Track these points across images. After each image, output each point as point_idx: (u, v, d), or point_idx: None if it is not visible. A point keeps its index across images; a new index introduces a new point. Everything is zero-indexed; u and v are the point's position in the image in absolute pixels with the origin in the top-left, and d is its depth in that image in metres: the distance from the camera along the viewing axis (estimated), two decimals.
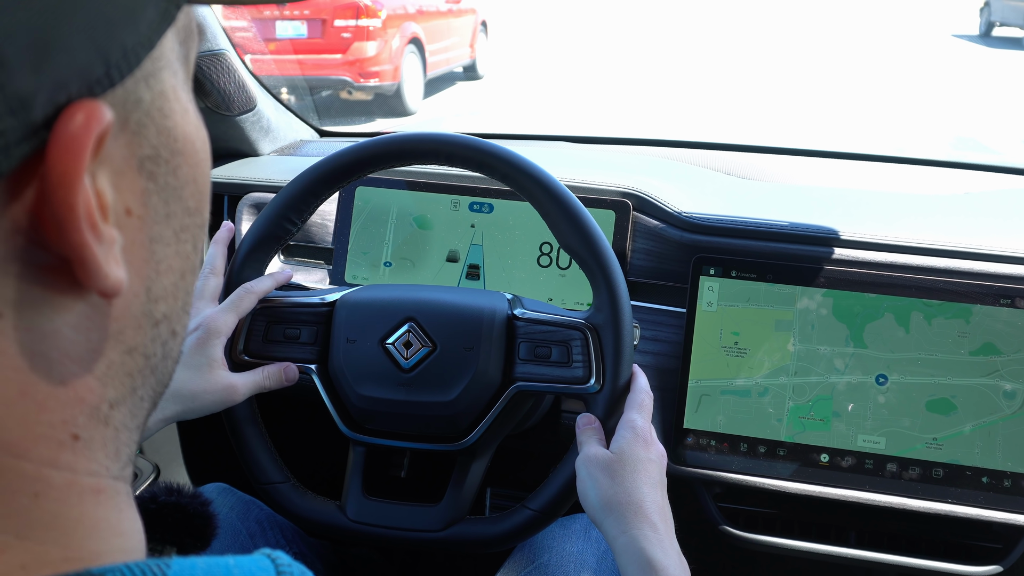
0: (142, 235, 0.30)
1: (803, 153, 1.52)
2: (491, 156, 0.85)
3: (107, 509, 0.30)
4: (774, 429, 1.02)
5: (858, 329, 1.01)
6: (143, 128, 0.29)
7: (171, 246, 0.32)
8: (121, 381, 0.31)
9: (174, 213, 0.32)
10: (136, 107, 0.29)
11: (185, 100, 0.32)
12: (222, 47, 1.20)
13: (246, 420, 0.88)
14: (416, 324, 0.86)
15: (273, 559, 0.32)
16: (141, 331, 0.31)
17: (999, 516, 0.97)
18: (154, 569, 0.28)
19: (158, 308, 0.32)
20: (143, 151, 0.29)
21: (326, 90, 6.96)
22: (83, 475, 0.29)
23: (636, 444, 0.76)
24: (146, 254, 0.30)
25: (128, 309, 0.30)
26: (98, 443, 0.30)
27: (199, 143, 0.33)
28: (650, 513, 0.71)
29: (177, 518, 0.42)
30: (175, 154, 0.31)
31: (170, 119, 0.31)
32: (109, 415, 0.30)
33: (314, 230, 1.22)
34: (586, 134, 1.61)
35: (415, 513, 0.87)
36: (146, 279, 0.31)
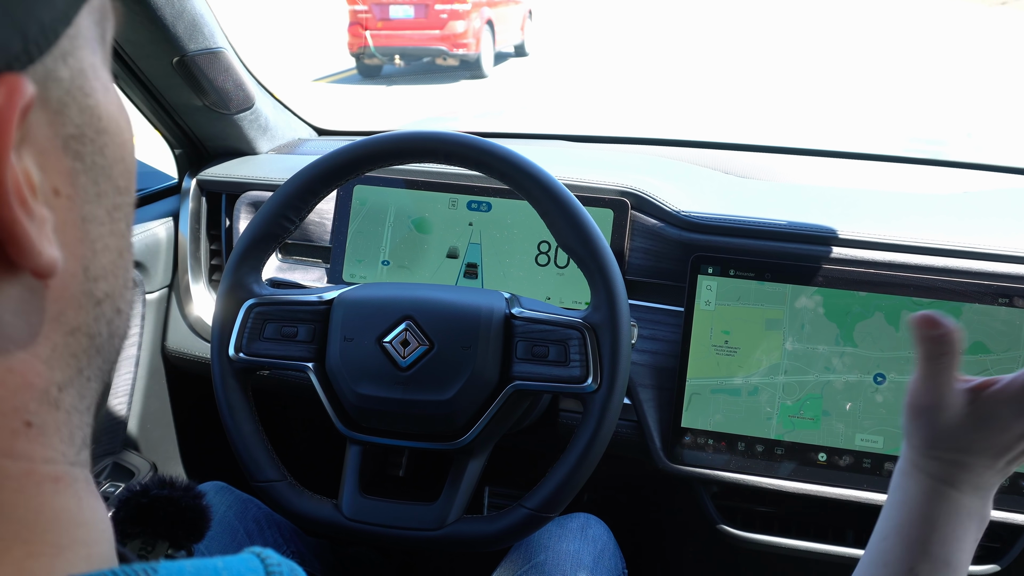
0: (73, 215, 0.30)
1: (801, 152, 1.52)
2: (489, 155, 0.85)
3: (66, 498, 0.30)
4: (764, 428, 1.02)
5: (848, 328, 1.01)
6: (65, 107, 0.29)
7: (105, 225, 0.31)
8: (67, 363, 0.30)
9: (105, 192, 0.31)
10: (56, 85, 0.28)
11: (105, 79, 0.32)
12: (220, 45, 1.20)
13: (243, 418, 0.88)
14: (413, 323, 0.86)
15: (262, 558, 0.32)
16: (83, 311, 0.31)
17: (997, 515, 0.97)
18: (140, 573, 0.28)
19: (98, 287, 0.31)
20: (67, 130, 0.29)
21: (427, 57, 9.74)
22: (40, 463, 0.29)
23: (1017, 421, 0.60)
24: (80, 234, 0.30)
25: (67, 289, 0.30)
26: (51, 428, 0.29)
27: (123, 122, 0.33)
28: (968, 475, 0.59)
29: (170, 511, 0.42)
30: (100, 133, 0.31)
31: (91, 97, 0.30)
32: (59, 398, 0.30)
33: (312, 228, 1.22)
34: (584, 133, 1.61)
35: (412, 512, 0.86)
36: (82, 258, 0.30)
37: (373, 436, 0.88)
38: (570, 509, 0.95)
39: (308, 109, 1.48)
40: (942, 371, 0.58)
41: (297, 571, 0.32)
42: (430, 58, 9.74)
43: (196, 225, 1.27)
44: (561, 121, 4.18)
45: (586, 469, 0.83)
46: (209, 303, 1.28)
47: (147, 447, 1.33)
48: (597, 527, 0.99)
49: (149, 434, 1.32)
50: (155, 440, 1.34)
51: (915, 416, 0.59)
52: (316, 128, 1.56)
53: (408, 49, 9.53)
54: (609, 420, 0.83)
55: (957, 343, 0.57)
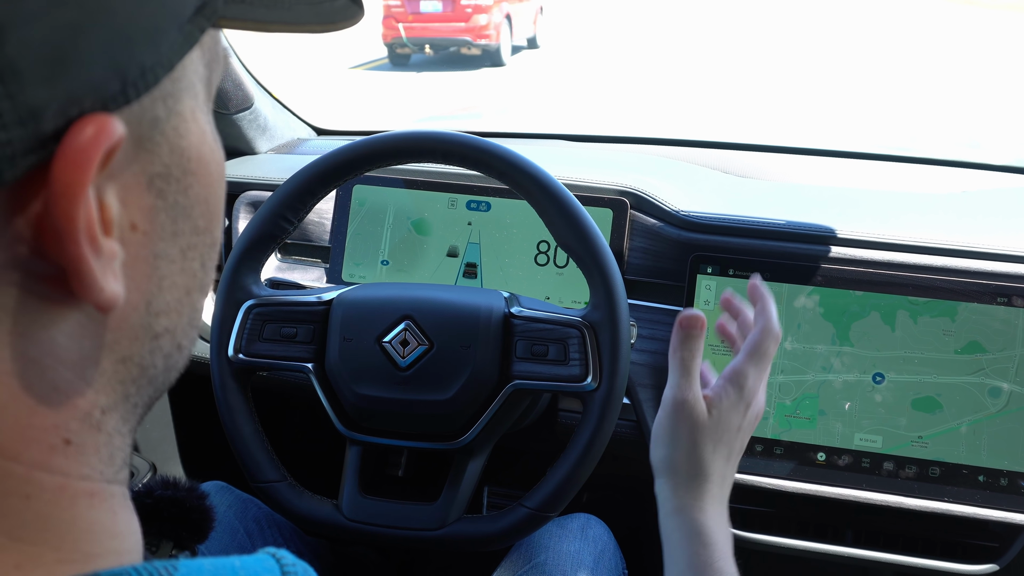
0: (146, 251, 0.30)
1: (800, 152, 1.52)
2: (488, 154, 0.85)
3: (101, 512, 0.30)
4: (761, 427, 1.02)
5: (844, 328, 1.01)
6: (156, 146, 0.29)
7: (176, 263, 0.32)
8: (113, 388, 0.31)
9: (182, 231, 0.32)
10: (152, 126, 0.29)
11: (203, 122, 0.33)
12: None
13: (243, 419, 0.88)
14: (413, 322, 0.86)
15: (278, 558, 0.32)
16: (137, 342, 0.31)
17: (996, 515, 0.97)
18: (161, 571, 0.28)
19: (159, 322, 0.32)
20: (154, 168, 0.30)
21: (453, 47, 10.96)
22: (75, 479, 0.29)
23: (736, 410, 0.66)
24: (148, 269, 0.31)
25: (125, 321, 0.30)
26: (91, 448, 0.30)
27: (213, 165, 0.33)
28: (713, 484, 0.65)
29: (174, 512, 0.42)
30: (187, 173, 0.31)
31: (185, 139, 0.31)
32: (101, 420, 0.31)
33: (311, 228, 1.22)
34: (584, 132, 1.61)
35: (412, 512, 0.86)
36: (147, 293, 0.31)
37: (373, 436, 0.88)
38: (570, 509, 0.95)
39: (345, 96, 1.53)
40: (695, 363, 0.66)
41: (311, 572, 0.32)
42: (456, 48, 11.01)
43: None
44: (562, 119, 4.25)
45: (586, 468, 0.83)
46: (208, 304, 1.28)
47: (146, 447, 1.33)
48: (597, 527, 0.99)
49: (149, 434, 1.32)
50: (155, 440, 1.34)
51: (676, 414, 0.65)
52: (315, 128, 1.56)
53: (436, 40, 10.79)
54: (609, 419, 0.83)
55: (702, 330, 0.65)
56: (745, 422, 0.67)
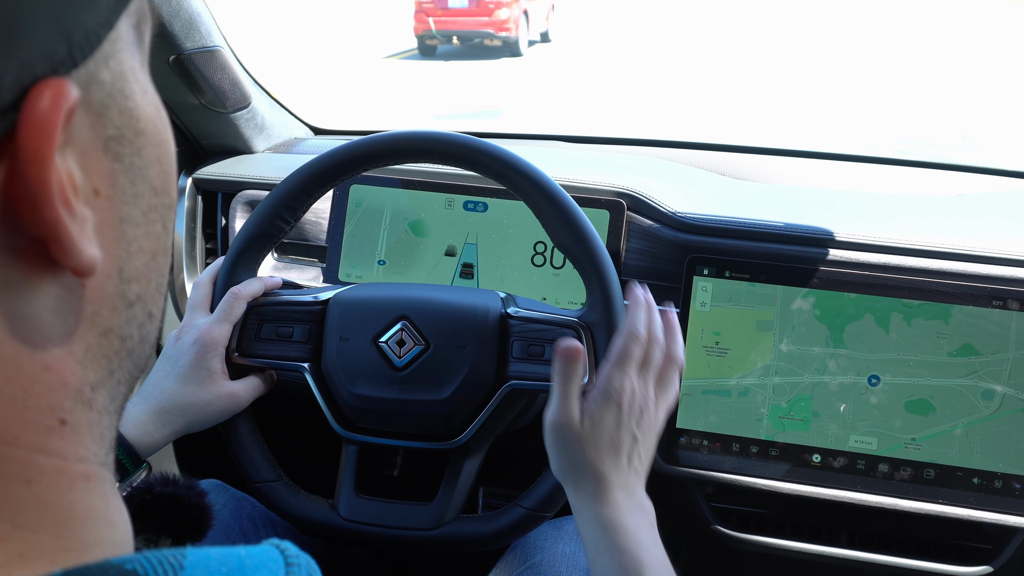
0: (111, 215, 0.30)
1: (797, 154, 1.52)
2: (485, 155, 0.85)
3: (96, 497, 0.30)
4: (755, 429, 1.02)
5: (838, 330, 1.01)
6: (106, 109, 0.29)
7: (140, 226, 0.32)
8: (99, 363, 0.31)
9: (141, 193, 0.32)
10: (99, 88, 0.29)
11: (144, 81, 0.32)
12: (217, 43, 1.20)
13: (239, 419, 0.88)
14: (409, 323, 0.86)
15: (282, 550, 0.32)
16: (116, 312, 0.31)
17: (990, 517, 0.97)
18: (171, 560, 0.28)
19: (131, 289, 0.32)
20: (107, 132, 0.29)
21: (476, 39, 12.25)
22: (72, 461, 0.29)
23: (608, 410, 0.68)
24: (117, 235, 0.30)
25: (102, 290, 0.30)
26: (84, 427, 0.30)
27: (160, 123, 0.33)
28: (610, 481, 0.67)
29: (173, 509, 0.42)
30: (138, 134, 0.31)
31: (131, 99, 0.31)
32: (92, 398, 0.30)
33: (308, 228, 1.22)
34: (581, 134, 1.61)
35: (407, 512, 0.86)
36: (118, 260, 0.31)
37: (369, 436, 0.88)
38: (566, 510, 0.95)
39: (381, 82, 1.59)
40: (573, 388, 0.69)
41: (313, 566, 0.32)
42: (479, 40, 12.36)
43: (192, 224, 1.27)
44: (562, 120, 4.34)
45: None
46: None
47: None
48: None
49: None
50: None
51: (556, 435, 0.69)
52: (312, 127, 1.56)
53: (462, 32, 12.18)
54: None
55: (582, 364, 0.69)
56: (624, 418, 0.68)
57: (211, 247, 1.30)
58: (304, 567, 0.32)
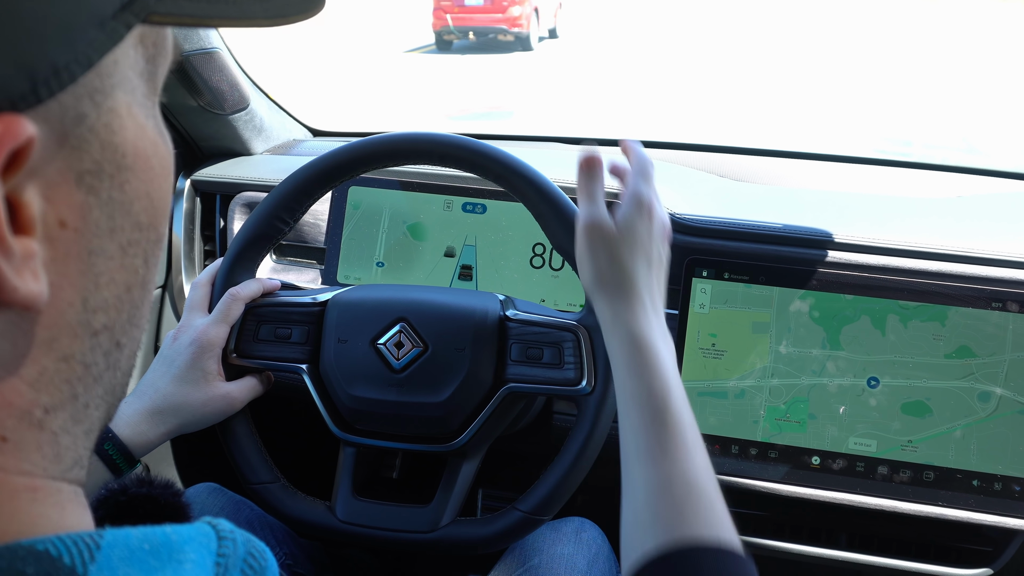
0: (78, 247, 0.30)
1: (796, 156, 1.52)
2: (484, 156, 0.85)
3: (46, 506, 0.30)
4: (751, 430, 1.02)
5: (835, 332, 1.01)
6: (84, 143, 0.29)
7: (115, 259, 0.32)
8: (58, 387, 0.31)
9: (120, 227, 0.31)
10: (77, 123, 0.28)
11: (141, 116, 0.32)
12: (215, 46, 1.19)
13: (236, 420, 0.88)
14: (408, 325, 0.86)
15: (214, 526, 0.32)
16: (78, 340, 0.31)
17: (989, 519, 0.97)
18: (86, 540, 0.28)
19: (96, 319, 0.32)
20: (83, 165, 0.29)
21: (491, 34, 13.01)
22: (14, 474, 0.29)
23: (640, 219, 0.71)
24: (83, 266, 0.30)
25: (61, 317, 0.30)
26: (31, 446, 0.30)
27: (155, 159, 0.33)
28: (642, 292, 0.69)
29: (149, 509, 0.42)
30: (122, 169, 0.31)
31: (118, 135, 0.30)
32: (44, 420, 0.30)
33: (306, 229, 1.21)
34: (580, 135, 1.61)
35: (405, 514, 0.86)
36: (83, 290, 0.30)
37: (367, 438, 0.88)
38: (564, 513, 0.95)
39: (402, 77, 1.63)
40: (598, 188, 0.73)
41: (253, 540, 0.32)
42: (494, 35, 13.12)
43: (190, 226, 1.27)
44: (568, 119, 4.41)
45: (580, 471, 0.83)
46: None
47: None
48: (592, 531, 0.98)
49: None
50: None
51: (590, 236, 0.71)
52: (311, 129, 1.56)
53: (478, 28, 12.98)
54: (603, 422, 0.83)
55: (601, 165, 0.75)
56: (654, 228, 0.72)
57: (209, 249, 1.30)
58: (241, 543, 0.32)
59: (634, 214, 0.71)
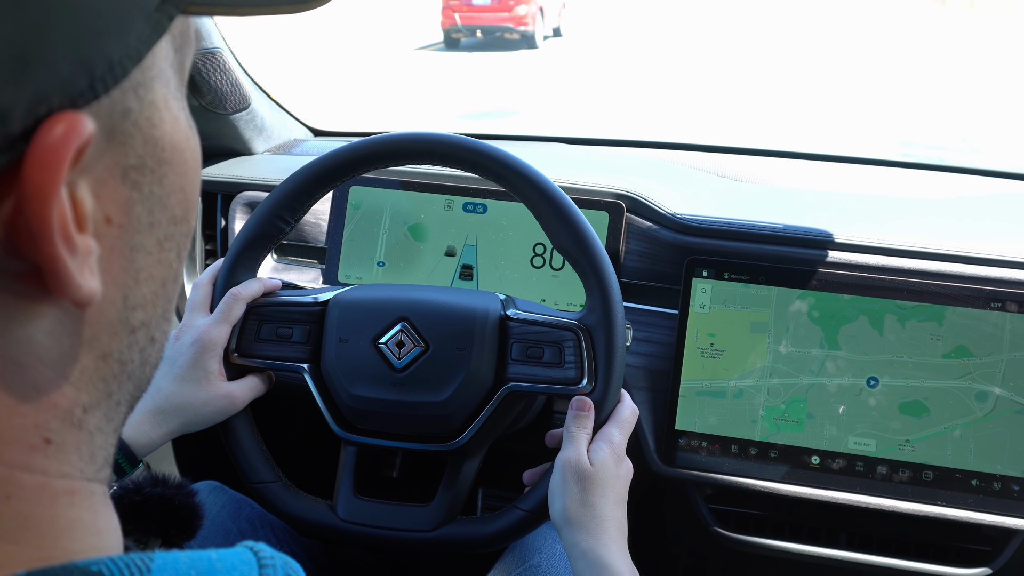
0: (122, 243, 0.30)
1: (796, 156, 1.52)
2: (485, 156, 0.85)
3: (81, 510, 0.30)
4: (749, 430, 1.02)
5: (833, 332, 1.01)
6: (129, 138, 0.29)
7: (153, 255, 0.31)
8: (95, 386, 0.31)
9: (159, 222, 0.31)
10: (124, 118, 0.28)
11: (176, 109, 0.32)
12: (217, 45, 1.20)
13: (237, 419, 0.88)
14: (409, 324, 0.86)
15: (255, 551, 0.32)
16: (116, 337, 0.31)
17: (989, 518, 0.97)
18: (137, 563, 0.28)
19: (135, 316, 0.31)
20: (128, 160, 0.29)
21: (498, 32, 13.55)
22: (55, 478, 0.29)
23: (611, 460, 0.78)
24: (125, 263, 0.30)
25: (103, 316, 0.30)
26: (71, 447, 0.30)
27: (188, 152, 0.33)
28: (609, 527, 0.74)
29: (163, 510, 0.42)
30: (161, 163, 0.31)
31: (158, 128, 0.30)
32: (83, 419, 0.30)
33: (307, 229, 1.22)
34: (580, 135, 1.61)
35: (406, 513, 0.86)
36: (124, 287, 0.30)
37: (368, 437, 0.88)
38: None
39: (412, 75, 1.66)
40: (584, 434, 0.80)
41: (291, 564, 0.32)
42: (500, 33, 13.64)
43: None
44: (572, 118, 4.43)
45: None
46: None
47: None
48: None
49: None
50: None
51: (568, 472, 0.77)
52: (312, 128, 1.56)
53: (485, 26, 13.50)
54: (603, 421, 0.83)
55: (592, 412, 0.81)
56: (622, 470, 0.79)
57: (211, 248, 1.30)
58: (280, 567, 0.32)
59: (607, 456, 0.78)
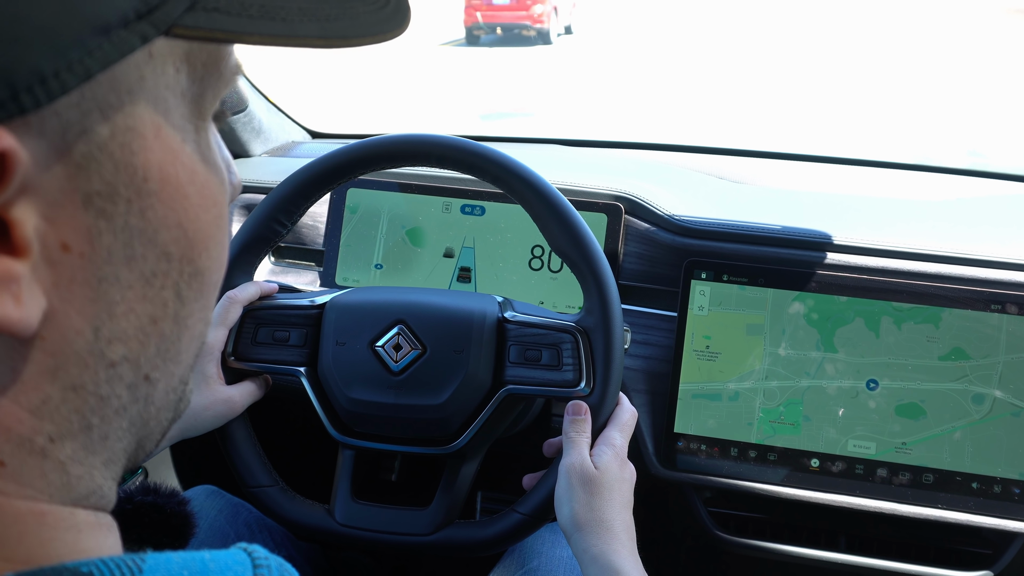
0: (85, 273, 0.28)
1: (794, 158, 1.52)
2: (482, 158, 0.85)
3: (58, 531, 0.29)
4: (745, 432, 1.02)
5: (828, 334, 1.01)
6: (92, 162, 0.27)
7: (134, 289, 0.30)
8: (65, 417, 0.29)
9: (141, 256, 0.30)
10: (82, 138, 0.27)
11: (174, 140, 0.30)
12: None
13: (234, 423, 0.88)
14: (406, 327, 0.86)
15: (250, 553, 0.31)
16: (88, 370, 0.30)
17: (989, 521, 0.97)
18: (129, 564, 0.27)
19: (113, 350, 0.30)
20: (91, 186, 0.27)
21: (516, 29, 14.73)
22: (16, 498, 0.28)
23: (614, 463, 0.78)
24: (92, 293, 0.29)
25: (68, 346, 0.29)
26: (32, 472, 0.29)
27: (192, 187, 0.31)
28: (619, 532, 0.74)
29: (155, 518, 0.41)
30: (143, 194, 0.29)
31: (139, 156, 0.28)
32: (47, 448, 0.29)
33: (305, 232, 1.21)
34: (578, 137, 1.61)
35: (404, 517, 0.86)
36: (93, 319, 0.29)
37: (365, 441, 0.87)
38: None
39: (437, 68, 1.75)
40: (584, 438, 0.80)
41: (286, 566, 0.32)
42: (518, 30, 14.84)
43: None
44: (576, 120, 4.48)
45: None
46: None
47: None
48: None
49: None
50: None
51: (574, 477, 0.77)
52: (309, 131, 1.56)
53: (504, 24, 14.72)
54: (602, 424, 0.82)
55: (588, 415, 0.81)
56: (626, 473, 0.79)
57: None
58: (275, 569, 0.31)
59: (610, 459, 0.79)
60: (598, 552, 0.72)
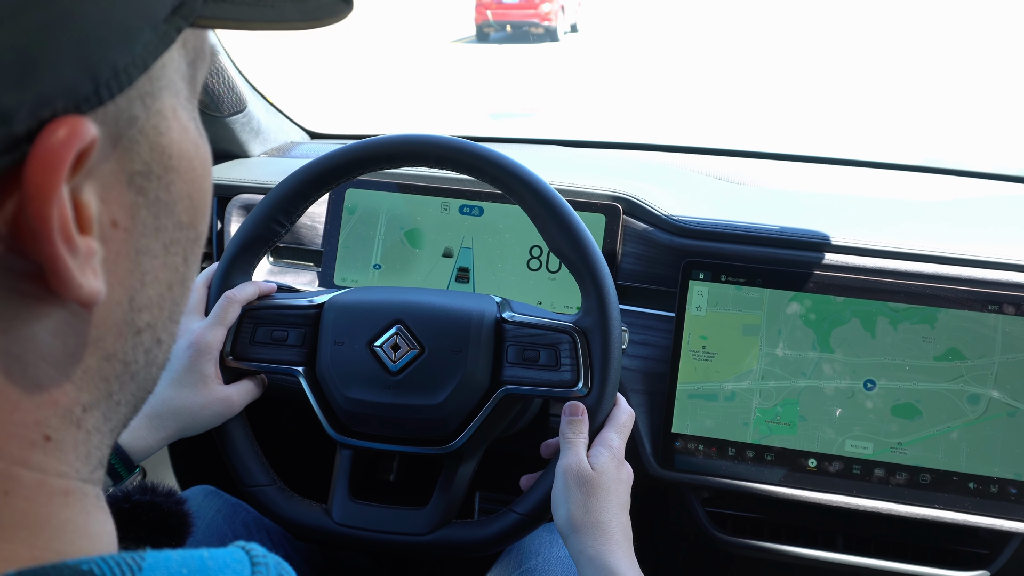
0: (128, 247, 0.31)
1: (792, 158, 1.52)
2: (481, 159, 0.85)
3: (74, 511, 0.30)
4: (741, 432, 1.02)
5: (825, 334, 1.01)
6: (135, 144, 0.30)
7: (159, 258, 0.32)
8: (96, 385, 0.31)
9: (164, 227, 0.32)
10: (130, 125, 0.29)
11: (185, 119, 0.33)
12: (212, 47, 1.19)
13: (232, 423, 0.88)
14: (404, 327, 0.86)
15: (247, 550, 0.32)
16: (121, 339, 0.32)
17: (986, 521, 0.97)
18: (128, 561, 0.28)
19: (141, 317, 0.32)
20: (134, 166, 0.30)
21: (524, 27, 15.31)
22: (52, 476, 0.30)
23: (611, 464, 0.79)
24: (131, 265, 0.31)
25: (109, 317, 0.31)
26: (70, 445, 0.30)
27: (196, 161, 0.34)
28: (615, 533, 0.75)
29: (152, 517, 0.42)
30: (168, 170, 0.32)
31: (165, 137, 0.31)
32: (82, 418, 0.31)
33: (303, 232, 1.21)
34: (576, 138, 1.61)
35: (402, 516, 0.86)
36: (130, 289, 0.31)
37: (363, 440, 0.87)
38: None
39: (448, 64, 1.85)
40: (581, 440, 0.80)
41: (283, 565, 0.32)
42: (527, 28, 15.43)
43: None
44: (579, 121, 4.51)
45: None
46: None
47: None
48: None
49: None
50: None
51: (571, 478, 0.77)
52: (308, 131, 1.56)
53: (513, 22, 15.37)
54: (599, 425, 0.83)
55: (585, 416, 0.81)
56: (623, 474, 0.80)
57: (206, 251, 1.29)
58: (273, 567, 0.32)
59: (607, 460, 0.79)
60: (594, 553, 0.72)
